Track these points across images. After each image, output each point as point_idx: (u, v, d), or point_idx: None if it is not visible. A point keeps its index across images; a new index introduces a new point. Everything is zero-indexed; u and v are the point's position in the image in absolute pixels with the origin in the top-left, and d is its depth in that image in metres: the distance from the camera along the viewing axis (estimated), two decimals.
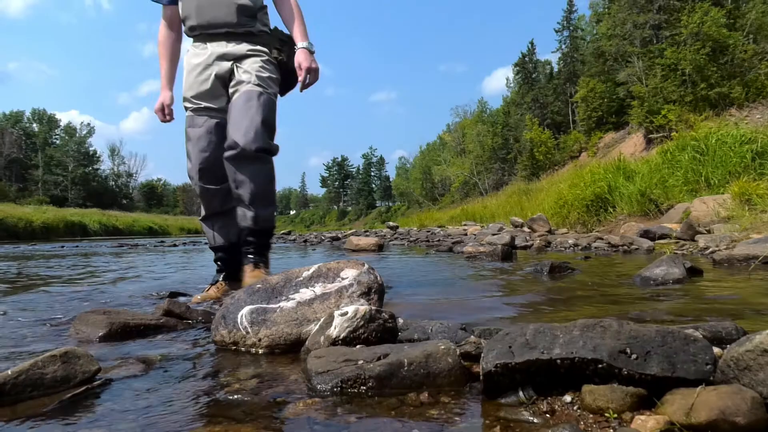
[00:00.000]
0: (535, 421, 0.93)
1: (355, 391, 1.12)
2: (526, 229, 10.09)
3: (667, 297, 2.40)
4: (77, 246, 12.97)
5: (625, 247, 5.84)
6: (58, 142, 63.36)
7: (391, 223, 18.85)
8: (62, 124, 64.88)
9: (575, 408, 0.95)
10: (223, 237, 2.86)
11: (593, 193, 9.99)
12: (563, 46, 37.71)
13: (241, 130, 2.55)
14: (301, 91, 2.77)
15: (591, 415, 0.92)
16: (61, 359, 1.13)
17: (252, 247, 2.66)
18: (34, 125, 62.86)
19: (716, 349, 1.02)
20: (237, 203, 2.67)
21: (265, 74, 2.73)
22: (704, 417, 0.81)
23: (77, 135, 63.99)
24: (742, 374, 0.87)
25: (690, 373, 0.92)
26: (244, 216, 2.63)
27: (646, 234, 6.51)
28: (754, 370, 0.85)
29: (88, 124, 67.14)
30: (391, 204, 79.88)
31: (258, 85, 2.66)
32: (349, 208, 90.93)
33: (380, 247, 7.48)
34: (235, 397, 1.12)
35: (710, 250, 4.76)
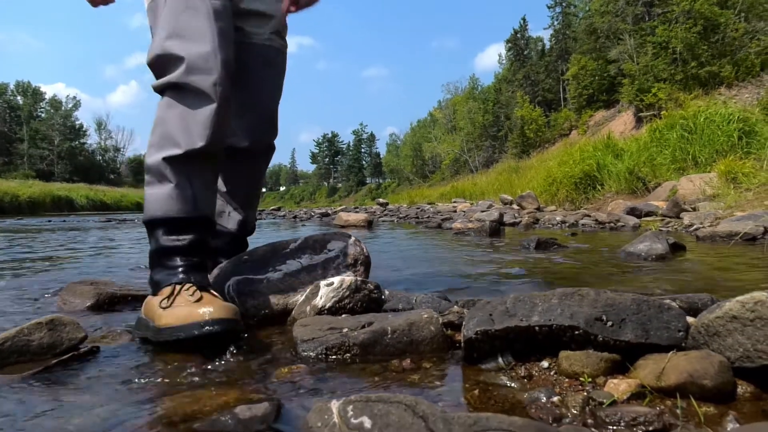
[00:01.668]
0: (513, 385, 0.96)
1: (340, 357, 1.15)
2: (515, 206, 10.16)
3: (649, 271, 2.44)
4: (64, 221, 12.88)
5: (612, 224, 5.91)
6: (43, 115, 62.27)
7: (381, 200, 18.89)
8: (47, 97, 63.77)
9: (552, 373, 0.98)
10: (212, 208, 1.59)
11: (582, 170, 10.05)
12: (555, 23, 37.42)
13: (266, 116, 1.86)
14: (285, 11, 1.75)
15: (567, 380, 0.95)
16: (47, 326, 1.14)
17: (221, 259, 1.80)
18: (19, 98, 61.62)
19: (690, 318, 1.05)
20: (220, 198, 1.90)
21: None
22: (674, 380, 0.84)
23: (63, 108, 62.92)
24: (711, 340, 0.90)
25: (663, 339, 0.95)
26: (228, 216, 1.91)
27: (632, 211, 6.58)
28: (722, 335, 0.88)
29: (74, 97, 66.01)
30: (381, 181, 79.64)
31: (283, 37, 1.87)
32: (340, 185, 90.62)
33: (369, 224, 7.50)
34: (221, 363, 1.14)
35: (694, 227, 4.82)
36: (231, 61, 1.49)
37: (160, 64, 1.48)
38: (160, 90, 1.49)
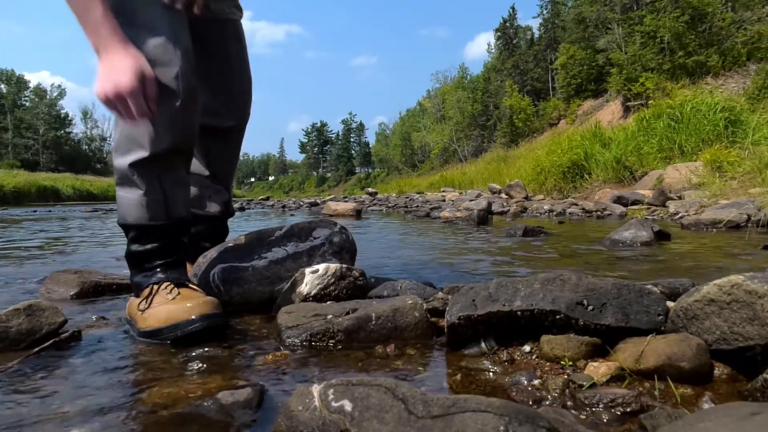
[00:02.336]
0: (496, 369, 0.97)
1: (324, 344, 1.15)
2: (503, 195, 10.19)
3: (634, 257, 2.46)
4: (50, 211, 12.74)
5: (599, 213, 5.95)
6: (27, 104, 61.27)
7: (370, 189, 18.90)
8: (32, 85, 62.72)
9: (533, 357, 0.99)
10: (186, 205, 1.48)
11: (570, 160, 10.11)
12: (544, 12, 37.39)
13: (247, 92, 1.82)
14: None
15: (548, 363, 0.96)
16: (26, 312, 1.14)
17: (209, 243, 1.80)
18: (2, 86, 60.52)
19: (670, 303, 1.06)
20: (195, 187, 1.78)
21: None
22: (652, 363, 0.85)
23: (48, 97, 61.98)
24: (690, 323, 0.92)
25: (642, 323, 0.96)
26: (209, 200, 1.82)
27: (619, 200, 6.64)
28: (700, 318, 0.90)
29: (59, 85, 65.13)
30: (370, 170, 79.43)
31: (239, 7, 1.79)
32: (329, 175, 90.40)
33: (358, 213, 7.50)
34: (206, 350, 1.14)
35: (679, 215, 4.87)
36: (190, 50, 1.37)
37: None
38: None
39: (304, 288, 1.42)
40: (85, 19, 1.22)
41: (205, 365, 1.05)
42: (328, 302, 1.36)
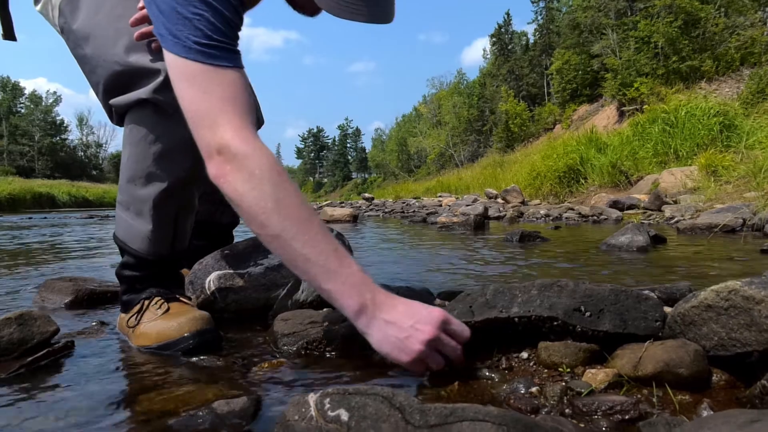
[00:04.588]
0: (494, 376, 0.96)
1: (320, 352, 1.14)
2: (500, 200, 10.20)
3: (630, 262, 2.47)
4: (45, 217, 12.69)
5: (595, 218, 5.96)
6: (23, 111, 61.16)
7: (366, 195, 18.90)
8: (27, 92, 62.62)
9: (531, 364, 0.99)
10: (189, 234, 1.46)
11: (566, 164, 10.12)
12: (539, 17, 37.55)
13: (257, 105, 1.73)
14: None
15: (546, 370, 0.96)
16: (17, 321, 1.13)
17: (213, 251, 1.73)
18: None
19: (667, 308, 1.06)
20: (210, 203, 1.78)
21: None
22: (650, 369, 0.85)
23: (43, 104, 61.87)
24: (687, 329, 0.91)
25: (640, 329, 0.96)
26: (221, 213, 1.85)
27: (615, 204, 6.65)
28: (698, 324, 0.89)
29: (55, 92, 65.06)
30: (367, 176, 79.45)
31: None
32: (325, 180, 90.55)
33: (355, 218, 7.49)
34: (201, 359, 1.13)
35: (675, 219, 4.89)
36: None
37: (119, 81, 1.24)
38: (124, 110, 1.26)
39: (301, 295, 1.41)
40: (326, 277, 0.95)
41: (200, 374, 1.04)
42: (325, 309, 1.35)
